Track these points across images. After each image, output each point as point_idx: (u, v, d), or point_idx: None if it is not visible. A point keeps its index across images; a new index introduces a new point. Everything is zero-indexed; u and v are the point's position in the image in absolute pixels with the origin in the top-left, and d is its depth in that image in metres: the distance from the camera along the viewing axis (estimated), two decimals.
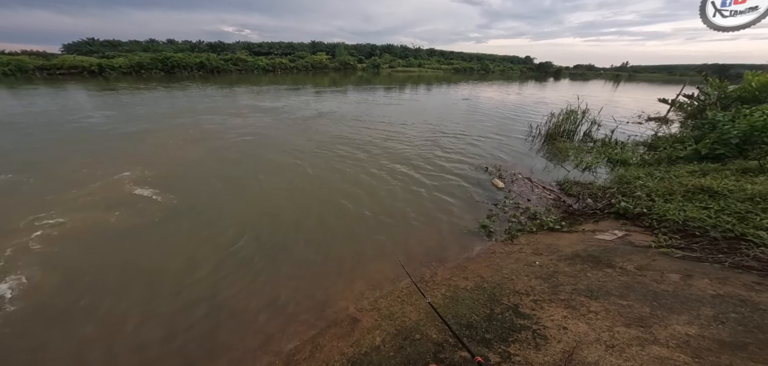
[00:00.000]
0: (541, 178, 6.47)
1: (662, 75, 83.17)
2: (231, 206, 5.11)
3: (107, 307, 3.07)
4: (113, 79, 29.75)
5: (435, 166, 7.19)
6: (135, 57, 37.46)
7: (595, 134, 9.47)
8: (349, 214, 4.91)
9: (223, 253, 3.88)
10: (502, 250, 3.92)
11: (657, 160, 6.53)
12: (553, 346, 2.09)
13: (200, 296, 3.22)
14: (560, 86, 39.12)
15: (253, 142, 8.83)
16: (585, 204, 4.82)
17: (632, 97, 25.19)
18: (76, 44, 53.44)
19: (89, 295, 3.20)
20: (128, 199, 5.19)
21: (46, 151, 7.53)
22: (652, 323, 2.15)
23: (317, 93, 22.13)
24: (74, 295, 3.22)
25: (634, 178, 5.28)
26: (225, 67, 42.83)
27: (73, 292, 3.26)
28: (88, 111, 12.94)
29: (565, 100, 12.61)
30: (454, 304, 2.79)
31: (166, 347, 2.70)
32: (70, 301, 3.15)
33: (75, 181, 5.75)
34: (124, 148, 7.89)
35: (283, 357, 2.57)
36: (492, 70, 77.67)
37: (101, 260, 3.73)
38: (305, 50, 64.38)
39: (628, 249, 3.30)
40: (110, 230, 4.32)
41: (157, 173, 6.29)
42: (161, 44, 58.13)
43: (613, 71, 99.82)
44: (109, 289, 3.30)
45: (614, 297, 2.49)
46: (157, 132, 9.68)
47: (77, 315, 3.00)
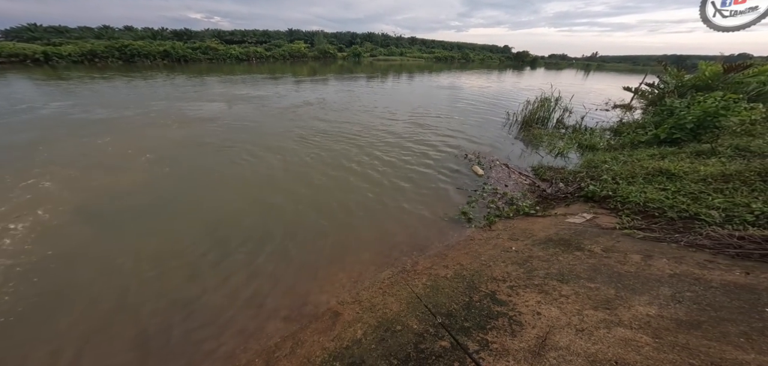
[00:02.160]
0: (518, 164, 6.67)
1: (627, 65, 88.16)
2: (206, 200, 4.83)
3: (85, 297, 2.81)
4: (62, 68, 26.85)
5: (416, 154, 7.20)
6: (86, 44, 33.86)
7: (567, 121, 9.88)
8: (329, 205, 4.80)
9: (196, 249, 3.66)
10: (480, 236, 4.00)
11: (621, 144, 6.93)
12: (528, 331, 2.16)
13: (173, 295, 3.04)
14: (536, 75, 40.45)
15: (231, 134, 8.37)
16: (557, 188, 5.02)
17: (601, 86, 26.59)
18: (15, 30, 47.52)
19: (66, 283, 2.91)
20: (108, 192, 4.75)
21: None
22: (617, 305, 2.27)
23: (297, 82, 21.33)
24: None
25: (601, 162, 5.57)
26: (193, 56, 39.92)
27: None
28: (42, 101, 11.64)
29: (539, 88, 13.01)
30: (435, 293, 2.82)
31: (139, 352, 2.54)
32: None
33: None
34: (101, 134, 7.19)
35: (263, 355, 2.49)
36: (472, 59, 78.57)
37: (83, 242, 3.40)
38: (282, 38, 61.50)
39: (596, 231, 3.48)
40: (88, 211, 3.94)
41: (129, 165, 5.79)
42: (117, 31, 53.02)
43: (584, 61, 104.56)
44: (89, 276, 3.02)
45: (583, 280, 2.61)
46: (126, 120, 9.01)
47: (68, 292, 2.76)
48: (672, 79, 9.77)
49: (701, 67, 9.09)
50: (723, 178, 3.86)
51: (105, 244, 3.79)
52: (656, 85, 10.64)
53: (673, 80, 9.70)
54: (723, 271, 2.48)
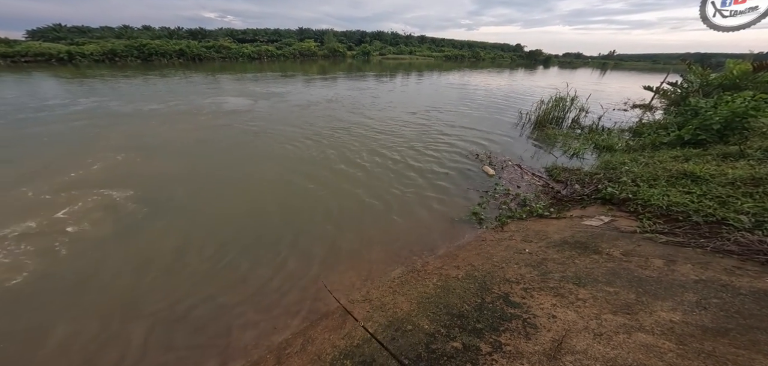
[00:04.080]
0: (531, 164, 6.52)
1: (647, 63, 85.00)
2: (221, 199, 4.93)
3: (104, 283, 2.92)
4: (85, 67, 28.00)
5: (426, 153, 7.14)
6: (107, 44, 35.28)
7: (583, 121, 9.60)
8: (340, 204, 4.82)
9: (211, 245, 3.74)
10: (492, 237, 3.93)
11: (641, 145, 6.67)
12: (543, 334, 2.10)
13: (187, 291, 3.11)
14: (549, 74, 39.51)
15: (242, 133, 8.57)
16: (573, 190, 4.88)
17: (618, 85, 25.71)
18: (41, 30, 49.94)
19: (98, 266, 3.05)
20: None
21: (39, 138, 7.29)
22: (637, 310, 2.19)
23: (308, 81, 21.54)
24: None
25: (620, 163, 5.37)
26: (207, 54, 40.99)
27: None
28: (75, 98, 12.48)
29: (553, 87, 12.70)
30: (446, 293, 2.78)
31: (153, 343, 2.61)
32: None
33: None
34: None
35: (274, 350, 2.52)
36: (483, 57, 77.51)
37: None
38: (292, 37, 62.37)
39: (614, 234, 3.36)
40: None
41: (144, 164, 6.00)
42: (136, 31, 54.93)
43: (600, 59, 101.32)
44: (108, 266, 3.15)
45: (601, 284, 2.52)
46: (156, 113, 9.75)
47: (92, 283, 2.90)
48: (696, 78, 9.33)
49: (729, 66, 8.65)
50: (753, 181, 3.65)
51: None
52: (679, 84, 10.19)
53: (698, 79, 9.26)
54: (752, 278, 2.35)
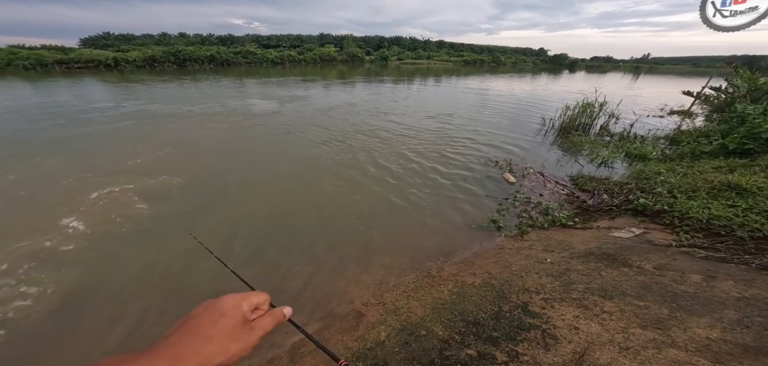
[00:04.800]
0: (554, 172, 6.26)
1: (686, 67, 79.31)
2: (253, 195, 5.18)
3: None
4: (128, 72, 30.48)
5: (443, 159, 7.07)
6: (148, 50, 38.29)
7: (613, 128, 9.08)
8: (356, 206, 4.88)
9: (229, 242, 3.92)
10: (511, 246, 3.81)
11: (679, 155, 6.20)
12: (564, 346, 2.01)
13: (204, 287, 3.23)
14: (575, 78, 37.81)
15: (273, 133, 9.08)
16: (600, 200, 4.63)
17: (653, 90, 24.10)
18: (92, 38, 55.14)
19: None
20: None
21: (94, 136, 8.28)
22: (670, 325, 2.04)
23: (329, 85, 22.09)
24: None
25: (654, 173, 5.03)
26: (234, 59, 43.28)
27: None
28: (121, 101, 13.81)
29: (580, 92, 12.14)
30: (461, 300, 2.73)
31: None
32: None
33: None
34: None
35: (288, 349, 2.57)
36: (503, 62, 75.87)
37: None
38: (313, 42, 64.34)
39: (646, 247, 3.14)
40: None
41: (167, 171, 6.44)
42: (173, 37, 59.16)
43: (633, 63, 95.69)
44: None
45: (630, 297, 2.37)
46: (195, 115, 10.83)
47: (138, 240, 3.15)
48: (744, 82, 8.56)
49: None
50: None
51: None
52: (724, 88, 9.39)
53: (745, 83, 8.49)
54: None
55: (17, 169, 5.91)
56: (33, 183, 5.38)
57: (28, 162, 6.24)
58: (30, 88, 17.90)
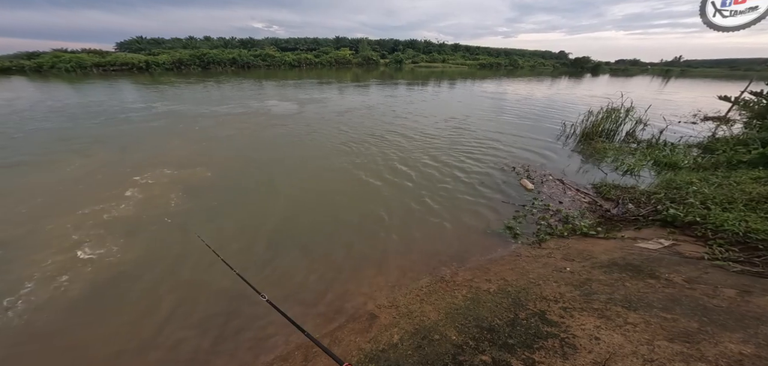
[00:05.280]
0: (575, 180, 6.05)
1: (723, 69, 74.04)
2: (256, 199, 5.35)
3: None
4: (158, 74, 32.28)
5: (458, 163, 7.00)
6: (176, 53, 40.43)
7: (640, 134, 8.65)
8: (370, 209, 4.92)
9: (247, 242, 4.07)
10: (528, 253, 3.72)
11: (714, 164, 5.83)
12: (583, 356, 1.95)
13: (221, 284, 3.30)
14: (598, 82, 36.31)
15: (295, 133, 9.52)
16: (625, 209, 4.43)
17: (686, 95, 22.72)
18: (127, 42, 58.78)
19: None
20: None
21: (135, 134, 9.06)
22: (699, 339, 1.94)
23: (344, 88, 22.43)
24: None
25: (686, 183, 4.76)
26: (254, 62, 44.79)
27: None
28: (154, 101, 14.89)
29: (604, 96, 11.66)
30: (476, 306, 2.70)
31: (189, 334, 2.79)
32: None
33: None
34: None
35: (302, 348, 2.62)
36: (521, 65, 73.94)
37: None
38: (329, 46, 65.35)
39: (676, 260, 2.98)
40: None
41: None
42: (198, 41, 62.06)
43: (663, 66, 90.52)
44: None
45: (656, 309, 2.26)
46: (223, 115, 11.61)
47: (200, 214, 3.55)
48: None
49: None
50: None
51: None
52: (766, 93, 8.71)
53: None
54: None
55: (73, 160, 6.81)
56: (90, 170, 6.29)
57: (82, 153, 7.22)
58: (72, 89, 19.36)
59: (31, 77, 27.25)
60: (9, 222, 4.40)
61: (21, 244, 3.91)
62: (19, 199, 5.02)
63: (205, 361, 2.58)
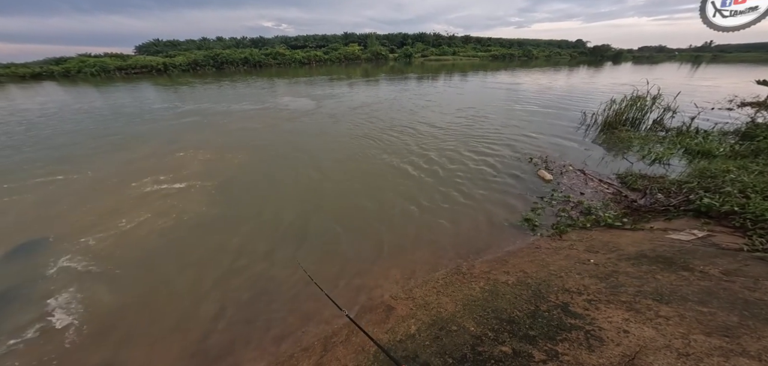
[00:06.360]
0: (597, 170, 5.79)
1: (761, 54, 68.54)
2: (274, 197, 5.46)
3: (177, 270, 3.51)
4: (175, 76, 33.42)
5: (472, 156, 6.85)
6: (191, 55, 41.71)
7: (669, 122, 8.16)
8: (385, 201, 4.92)
9: (266, 236, 4.16)
10: (548, 245, 3.60)
11: (754, 151, 5.41)
12: (611, 348, 1.86)
13: (243, 276, 3.43)
14: (620, 71, 34.46)
15: (318, 126, 9.89)
16: (654, 199, 4.19)
17: (720, 81, 21.15)
18: (145, 45, 61.00)
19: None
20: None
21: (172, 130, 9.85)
22: (740, 334, 1.81)
23: (354, 84, 22.43)
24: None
25: (722, 171, 4.44)
26: (266, 61, 45.53)
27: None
28: (181, 101, 15.70)
29: (629, 84, 11.08)
30: (494, 298, 2.64)
31: (216, 325, 2.89)
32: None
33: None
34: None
35: (321, 339, 2.65)
36: (535, 55, 71.27)
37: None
38: (338, 42, 65.24)
39: (712, 251, 2.79)
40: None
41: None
42: (212, 42, 63.62)
43: (692, 52, 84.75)
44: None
45: (691, 302, 2.13)
46: (244, 112, 11.91)
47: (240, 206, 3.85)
48: None
49: None
50: None
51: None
52: None
53: None
54: None
55: (117, 153, 7.71)
56: (137, 159, 7.21)
57: (126, 147, 8.17)
58: (99, 93, 20.36)
59: (60, 82, 28.92)
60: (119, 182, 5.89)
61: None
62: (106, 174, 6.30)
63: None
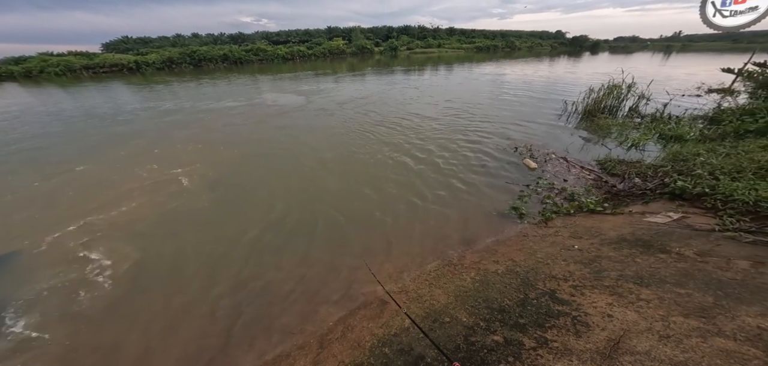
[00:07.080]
0: (579, 157, 5.98)
1: (726, 43, 72.68)
2: (266, 190, 5.31)
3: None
4: (149, 74, 31.74)
5: (460, 146, 6.92)
6: (166, 52, 39.51)
7: (644, 109, 8.52)
8: (375, 196, 4.88)
9: (257, 234, 4.05)
10: (535, 233, 3.69)
11: (721, 134, 5.74)
12: (597, 333, 1.93)
13: (237, 279, 3.36)
14: (598, 60, 35.68)
15: (310, 122, 9.62)
16: (632, 184, 4.38)
17: (688, 69, 22.27)
18: (113, 43, 57.07)
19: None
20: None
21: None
22: (715, 314, 1.91)
23: (340, 79, 22.07)
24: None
25: (693, 154, 4.69)
26: (247, 57, 43.80)
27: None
28: (157, 101, 14.76)
29: (605, 74, 11.44)
30: (485, 288, 2.68)
31: (209, 324, 2.85)
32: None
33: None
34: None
35: (317, 337, 2.63)
36: (518, 46, 72.57)
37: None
38: (322, 36, 63.82)
39: (686, 233, 2.94)
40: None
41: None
42: (187, 38, 60.58)
43: (663, 42, 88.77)
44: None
45: (669, 285, 2.24)
46: (231, 110, 11.43)
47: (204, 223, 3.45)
48: None
49: None
50: None
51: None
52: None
53: None
54: None
55: (106, 152, 7.44)
56: (128, 156, 7.10)
57: (117, 146, 7.86)
58: (66, 94, 19.06)
59: (22, 83, 26.86)
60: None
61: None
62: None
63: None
